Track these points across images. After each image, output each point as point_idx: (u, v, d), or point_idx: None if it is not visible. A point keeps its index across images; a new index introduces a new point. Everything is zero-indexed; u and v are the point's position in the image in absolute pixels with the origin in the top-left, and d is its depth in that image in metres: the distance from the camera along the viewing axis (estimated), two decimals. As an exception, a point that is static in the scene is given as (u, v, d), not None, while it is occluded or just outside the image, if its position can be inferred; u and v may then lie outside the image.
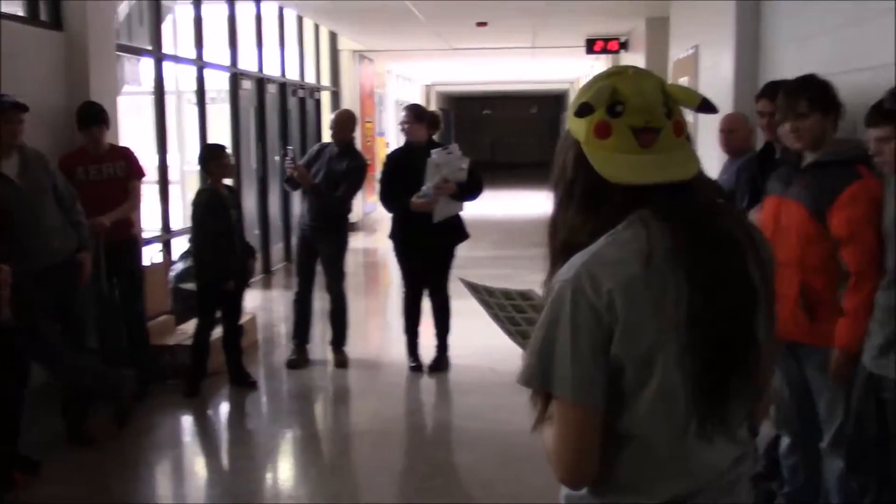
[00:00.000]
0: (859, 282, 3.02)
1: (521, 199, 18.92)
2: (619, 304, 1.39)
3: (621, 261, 1.41)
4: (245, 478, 4.48)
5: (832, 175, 3.09)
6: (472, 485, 4.33)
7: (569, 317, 1.42)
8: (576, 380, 1.41)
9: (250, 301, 8.12)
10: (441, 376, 6.02)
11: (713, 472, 1.49)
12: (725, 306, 1.42)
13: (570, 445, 1.45)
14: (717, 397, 1.44)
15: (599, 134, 1.46)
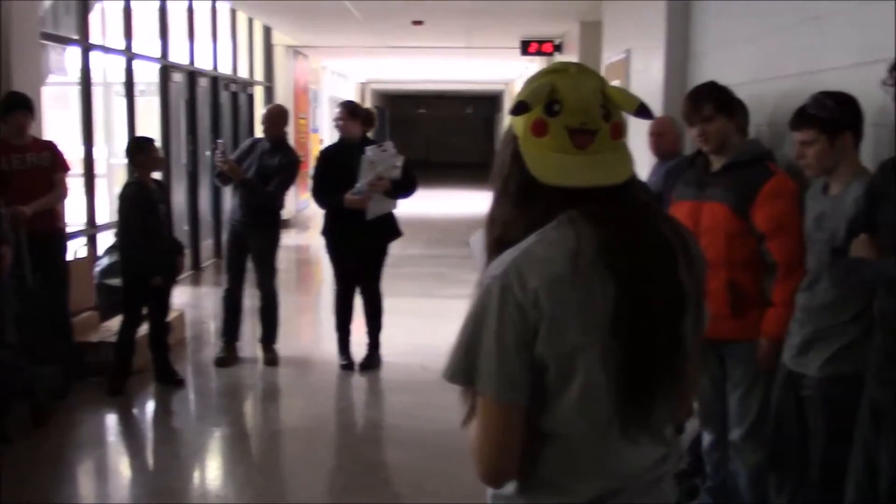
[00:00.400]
0: (788, 272, 3.14)
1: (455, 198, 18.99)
2: (544, 303, 1.39)
3: (549, 259, 1.41)
4: (171, 476, 4.40)
5: (748, 173, 3.25)
6: (402, 483, 4.33)
7: (495, 313, 1.41)
8: (499, 376, 1.41)
9: (179, 297, 7.98)
10: (372, 374, 6.00)
11: (636, 471, 1.50)
12: (653, 308, 1.43)
13: (492, 442, 1.45)
14: (641, 399, 1.45)
15: (536, 132, 1.46)
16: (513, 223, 1.50)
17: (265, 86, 13.60)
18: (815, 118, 2.83)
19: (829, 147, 2.82)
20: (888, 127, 2.95)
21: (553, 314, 1.39)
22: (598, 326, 1.41)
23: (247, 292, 6.37)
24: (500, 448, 1.45)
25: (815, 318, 2.89)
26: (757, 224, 3.18)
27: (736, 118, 3.40)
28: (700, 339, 1.56)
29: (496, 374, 1.41)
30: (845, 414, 2.70)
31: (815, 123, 2.82)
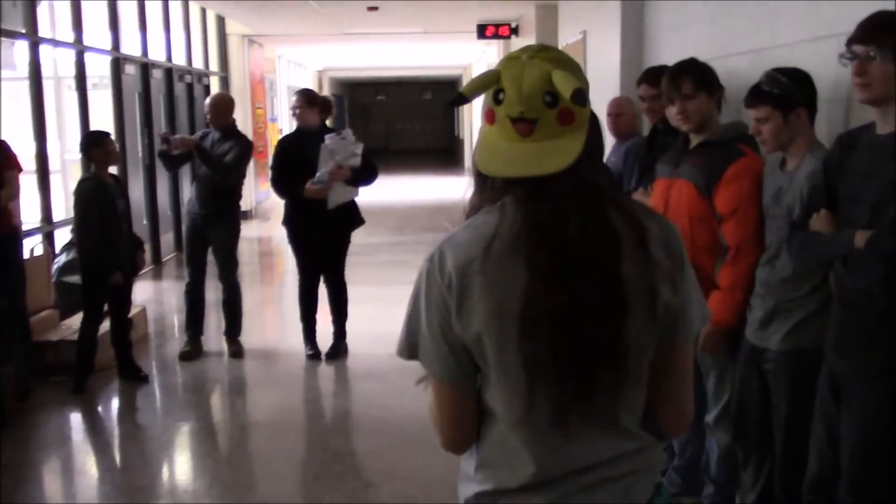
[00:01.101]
0: (736, 257, 3.12)
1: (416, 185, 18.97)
2: (455, 286, 1.44)
3: (467, 243, 1.45)
4: (137, 473, 4.36)
5: (718, 153, 3.19)
6: (372, 471, 4.33)
7: (424, 295, 1.48)
8: (436, 356, 1.49)
9: (140, 293, 7.89)
10: (339, 364, 5.99)
11: (581, 463, 1.47)
12: (570, 298, 1.39)
13: (445, 416, 1.54)
14: (565, 391, 1.42)
15: (488, 119, 1.48)
16: (471, 209, 1.54)
17: (220, 76, 13.45)
18: (768, 95, 2.85)
19: (784, 123, 2.85)
20: (841, 102, 3.00)
21: (461, 298, 1.43)
22: (509, 315, 1.40)
23: (209, 285, 6.32)
24: (453, 421, 1.54)
25: (774, 292, 2.93)
26: (717, 205, 3.15)
27: (716, 96, 3.33)
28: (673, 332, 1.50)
29: (433, 354, 1.49)
30: (806, 386, 2.75)
31: (769, 100, 2.85)
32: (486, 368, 1.47)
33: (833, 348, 2.56)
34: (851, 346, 2.48)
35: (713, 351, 3.22)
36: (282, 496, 4.03)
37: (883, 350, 2.38)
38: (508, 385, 1.46)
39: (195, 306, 6.20)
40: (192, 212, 6.07)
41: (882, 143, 2.37)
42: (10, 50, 7.56)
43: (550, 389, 1.43)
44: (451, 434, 1.55)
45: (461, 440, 1.55)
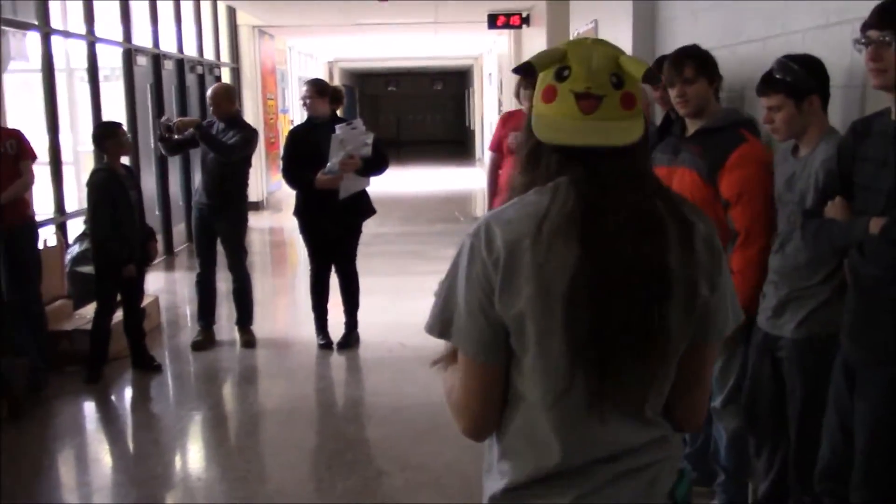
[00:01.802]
0: (746, 241, 3.12)
1: (427, 176, 18.96)
2: (502, 263, 1.42)
3: (517, 220, 1.44)
4: (152, 462, 4.39)
5: (720, 140, 3.20)
6: (384, 459, 4.34)
7: (465, 270, 1.45)
8: (470, 335, 1.46)
9: (153, 283, 7.93)
10: (350, 353, 6.00)
11: (604, 450, 1.47)
12: (615, 281, 1.39)
13: (472, 398, 1.50)
14: (604, 375, 1.42)
15: (546, 98, 1.47)
16: (518, 187, 1.52)
17: (231, 67, 13.45)
18: (781, 83, 2.84)
19: (797, 111, 2.83)
20: (856, 88, 2.97)
21: (508, 274, 1.41)
22: (555, 295, 1.40)
23: (220, 276, 6.34)
24: (481, 403, 1.50)
25: (788, 280, 2.92)
26: (722, 191, 3.15)
27: (716, 84, 3.35)
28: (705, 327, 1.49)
29: (467, 331, 1.46)
30: (820, 374, 2.74)
31: (782, 88, 2.83)
32: (522, 349, 1.45)
33: (847, 336, 2.54)
34: (865, 334, 2.46)
35: (733, 340, 3.21)
36: (294, 485, 4.04)
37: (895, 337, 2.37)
38: (547, 367, 1.44)
39: (206, 296, 6.23)
40: (199, 202, 6.09)
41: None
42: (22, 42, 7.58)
43: (589, 373, 1.42)
44: (477, 418, 1.51)
45: (485, 425, 1.52)
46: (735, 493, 3.40)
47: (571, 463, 1.47)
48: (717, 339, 1.54)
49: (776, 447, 3.16)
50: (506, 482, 1.50)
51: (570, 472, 1.47)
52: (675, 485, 1.54)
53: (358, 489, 3.94)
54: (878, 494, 2.45)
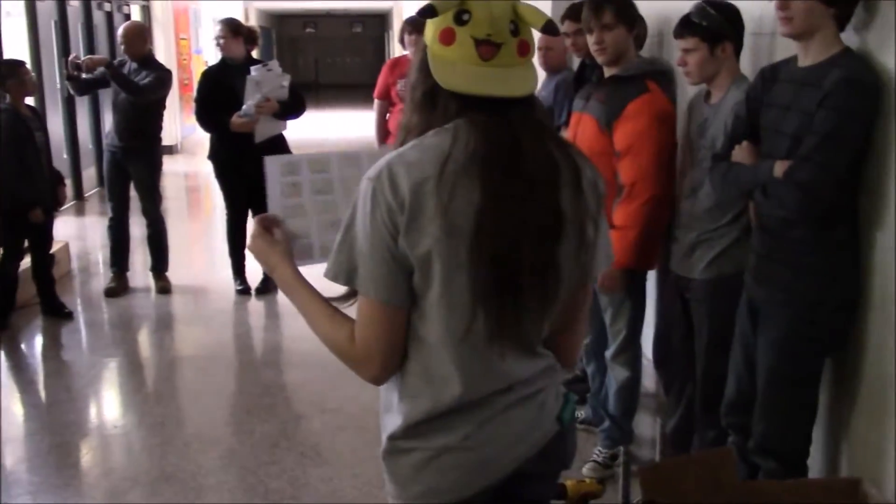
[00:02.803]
0: (629, 195, 3.15)
1: (346, 119, 18.74)
2: (407, 205, 1.42)
3: (420, 162, 1.44)
4: (65, 409, 4.31)
5: (623, 89, 3.19)
6: (303, 402, 4.36)
7: (368, 215, 1.45)
8: (376, 278, 1.46)
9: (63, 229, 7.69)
10: (269, 298, 5.96)
11: (501, 383, 1.54)
12: (516, 223, 1.44)
13: (381, 343, 1.50)
14: (504, 311, 1.47)
15: (444, 40, 1.47)
16: (414, 129, 1.51)
17: (142, 4, 12.99)
18: (697, 27, 2.88)
19: (710, 55, 2.88)
20: (766, 36, 3.04)
21: (413, 217, 1.42)
22: (460, 234, 1.42)
23: (134, 220, 6.19)
24: (390, 347, 1.51)
25: (697, 223, 3.00)
26: (615, 142, 3.16)
27: (636, 31, 3.31)
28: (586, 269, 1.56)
29: (374, 276, 1.46)
30: (726, 313, 2.83)
31: (697, 32, 2.88)
32: (426, 289, 1.46)
33: (751, 275, 2.64)
34: (768, 274, 2.56)
35: (610, 289, 3.28)
36: (212, 429, 4.03)
37: (797, 276, 2.47)
38: (452, 305, 1.46)
39: (119, 242, 6.09)
40: (111, 145, 5.92)
41: (802, 75, 2.43)
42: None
43: (490, 310, 1.46)
44: (385, 362, 1.52)
45: (392, 368, 1.53)
46: (619, 438, 3.47)
47: (471, 397, 1.52)
48: (592, 280, 1.65)
49: (684, 384, 3.27)
50: (406, 421, 1.55)
51: (468, 406, 1.53)
52: (562, 408, 1.64)
53: (276, 433, 3.95)
54: (776, 425, 2.57)
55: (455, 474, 1.55)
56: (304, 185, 1.79)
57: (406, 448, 1.56)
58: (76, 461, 3.80)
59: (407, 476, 1.57)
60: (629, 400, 3.49)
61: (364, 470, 3.56)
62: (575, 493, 2.41)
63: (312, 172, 1.80)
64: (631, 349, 3.44)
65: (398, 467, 1.58)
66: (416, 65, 1.53)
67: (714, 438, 2.99)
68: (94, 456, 3.88)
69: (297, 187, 1.78)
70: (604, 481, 3.36)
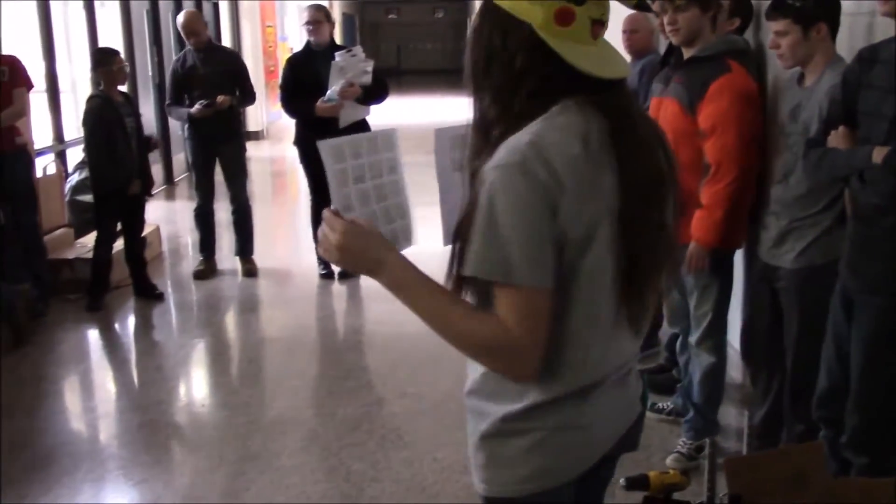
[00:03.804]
0: (715, 175, 3.10)
1: (427, 106, 18.78)
2: (566, 183, 1.36)
3: (563, 141, 1.39)
4: (155, 388, 4.44)
5: (703, 69, 3.14)
6: (385, 387, 4.39)
7: (521, 199, 1.36)
8: (535, 263, 1.37)
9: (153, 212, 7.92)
10: (352, 283, 6.03)
11: (620, 362, 1.53)
12: (647, 195, 1.45)
13: (534, 331, 1.39)
14: (639, 288, 1.46)
15: (562, 21, 1.39)
16: (525, 113, 1.42)
17: (230, -6, 13.23)
18: (789, 8, 2.79)
19: (803, 38, 2.78)
20: (864, 16, 2.92)
21: (573, 195, 1.37)
22: (610, 212, 1.41)
23: (220, 206, 6.33)
24: (541, 336, 1.40)
25: (789, 210, 2.91)
26: (700, 122, 3.11)
27: (711, 12, 3.24)
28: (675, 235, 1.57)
29: (532, 262, 1.36)
30: (818, 303, 2.75)
31: (790, 13, 2.78)
32: (577, 269, 1.41)
33: (846, 264, 2.55)
34: (863, 262, 2.47)
35: (697, 269, 3.21)
36: (294, 411, 4.10)
37: (891, 267, 2.37)
38: (597, 285, 1.43)
39: (206, 228, 6.24)
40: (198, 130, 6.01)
41: (903, 56, 2.32)
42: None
43: (628, 290, 1.45)
44: (539, 353, 1.40)
45: (542, 357, 1.42)
46: (703, 429, 3.40)
47: (595, 378, 1.50)
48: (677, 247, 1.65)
49: (772, 376, 3.19)
50: (529, 403, 1.48)
51: (591, 386, 1.50)
52: (644, 386, 1.66)
53: (357, 416, 4.00)
54: (870, 420, 2.49)
55: (568, 454, 1.51)
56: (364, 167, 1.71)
57: (521, 429, 1.49)
58: (165, 439, 3.92)
59: (516, 458, 1.51)
60: (713, 388, 3.41)
61: (444, 454, 3.58)
62: (658, 485, 2.36)
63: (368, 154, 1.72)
64: (716, 335, 3.37)
65: (507, 449, 1.51)
66: (519, 46, 1.41)
67: (803, 432, 2.91)
68: (183, 434, 3.99)
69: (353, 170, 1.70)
70: (688, 473, 3.31)
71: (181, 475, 3.54)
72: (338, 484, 3.40)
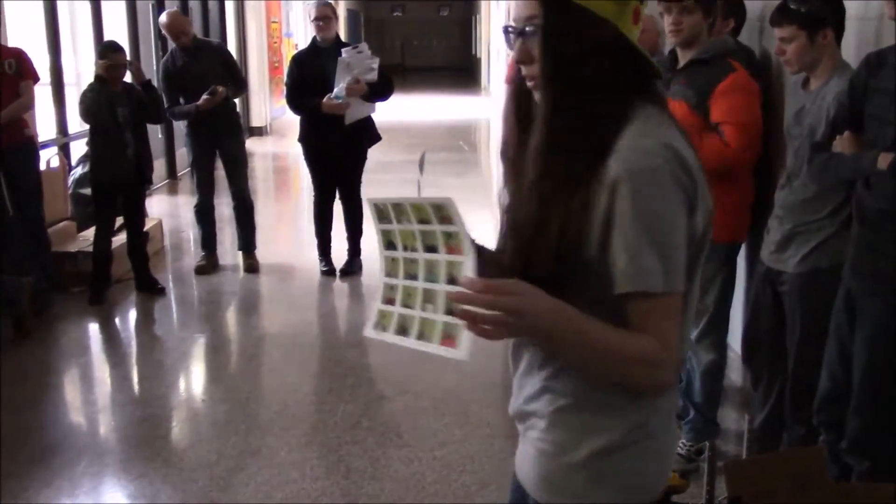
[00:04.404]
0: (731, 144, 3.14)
1: (432, 103, 18.78)
2: (698, 182, 1.33)
3: (682, 141, 1.36)
4: (156, 383, 4.45)
5: (709, 69, 3.18)
6: (386, 383, 4.39)
7: (670, 204, 1.30)
8: (681, 268, 1.32)
9: (156, 207, 7.94)
10: (353, 280, 6.03)
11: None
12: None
13: (678, 338, 1.34)
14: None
15: (636, 19, 1.38)
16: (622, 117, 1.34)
17: (235, -12, 13.23)
18: (795, 14, 2.78)
19: (809, 43, 2.78)
20: (871, 21, 2.92)
21: (700, 188, 1.34)
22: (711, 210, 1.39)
23: (222, 201, 6.34)
24: (681, 341, 1.36)
25: (793, 214, 2.91)
26: (713, 116, 3.16)
27: (712, 18, 3.27)
28: None
29: (678, 267, 1.31)
30: (821, 307, 2.75)
31: (795, 19, 2.78)
32: (694, 270, 1.38)
33: (851, 267, 2.55)
34: (867, 265, 2.47)
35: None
36: (295, 407, 4.10)
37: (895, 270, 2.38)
38: (693, 292, 1.40)
39: (207, 224, 6.23)
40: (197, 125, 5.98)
41: (911, 61, 2.32)
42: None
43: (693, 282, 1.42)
44: (681, 357, 1.37)
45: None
46: (703, 430, 3.40)
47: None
48: None
49: (773, 379, 3.19)
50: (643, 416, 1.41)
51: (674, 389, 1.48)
52: None
53: (359, 412, 4.00)
54: (872, 424, 2.49)
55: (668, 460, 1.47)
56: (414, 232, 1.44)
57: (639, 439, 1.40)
58: (165, 433, 3.92)
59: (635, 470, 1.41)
60: (713, 387, 3.41)
61: (444, 453, 3.58)
62: (658, 487, 2.36)
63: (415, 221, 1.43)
64: (716, 332, 3.37)
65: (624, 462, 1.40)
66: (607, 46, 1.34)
67: (804, 436, 2.91)
68: (182, 429, 3.99)
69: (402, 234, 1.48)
70: (687, 475, 3.31)
71: (180, 470, 3.54)
72: (337, 481, 3.40)
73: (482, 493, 3.30)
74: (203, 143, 6.01)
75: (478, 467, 3.49)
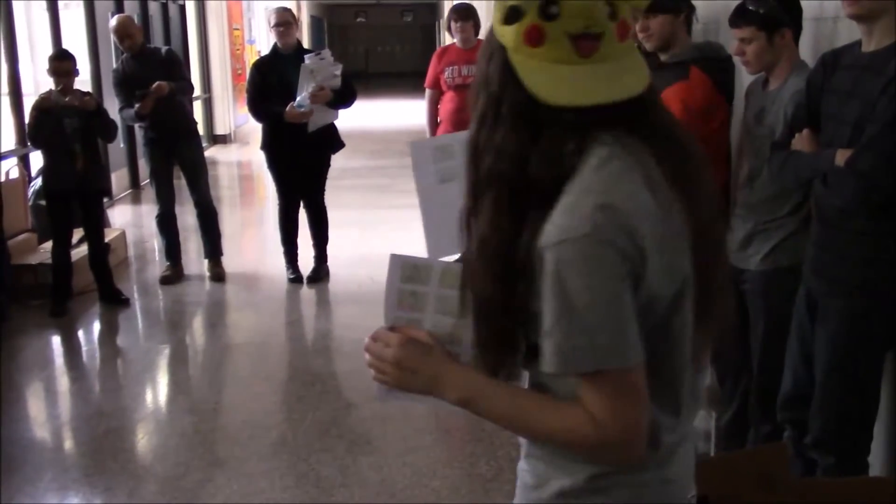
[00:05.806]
0: None
1: (396, 109, 18.78)
2: (648, 247, 1.18)
3: (635, 196, 1.19)
4: (121, 394, 4.39)
5: (666, 76, 3.13)
6: (353, 390, 4.37)
7: (601, 276, 1.17)
8: (632, 341, 1.19)
9: (119, 217, 7.85)
10: (320, 287, 6.00)
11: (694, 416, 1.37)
12: (709, 229, 1.29)
13: (636, 411, 1.21)
14: (708, 321, 1.30)
15: (531, 41, 1.19)
16: (514, 153, 1.22)
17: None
18: (753, 15, 2.81)
19: (768, 44, 2.81)
20: (827, 21, 2.96)
21: (659, 250, 1.19)
22: (681, 269, 1.24)
23: (185, 209, 6.29)
24: (641, 414, 1.21)
25: (754, 213, 2.93)
26: None
27: (683, 15, 3.24)
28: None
29: (627, 340, 1.18)
30: (783, 306, 2.77)
31: (754, 20, 2.81)
32: (665, 328, 1.24)
33: (810, 267, 2.58)
34: (827, 265, 2.50)
35: None
36: (264, 416, 4.07)
37: (856, 268, 2.41)
38: (681, 339, 1.26)
39: (170, 235, 6.16)
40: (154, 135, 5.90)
41: (865, 61, 2.35)
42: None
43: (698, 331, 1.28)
44: (643, 430, 1.22)
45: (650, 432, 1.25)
46: None
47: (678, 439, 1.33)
48: None
49: (739, 378, 3.22)
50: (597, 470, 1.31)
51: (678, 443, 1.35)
52: None
53: (327, 420, 3.98)
54: (835, 420, 2.51)
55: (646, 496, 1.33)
56: (429, 297, 1.40)
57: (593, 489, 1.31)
58: (131, 445, 3.87)
59: None
60: None
61: (414, 459, 3.57)
62: (626, 487, 2.37)
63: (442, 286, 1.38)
64: None
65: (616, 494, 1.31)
66: (496, 71, 1.23)
67: (769, 433, 2.93)
68: (149, 441, 3.94)
69: (417, 298, 1.40)
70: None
71: (147, 483, 3.50)
72: (307, 489, 3.38)
73: (452, 498, 3.29)
74: (160, 152, 5.93)
75: (448, 472, 3.48)
